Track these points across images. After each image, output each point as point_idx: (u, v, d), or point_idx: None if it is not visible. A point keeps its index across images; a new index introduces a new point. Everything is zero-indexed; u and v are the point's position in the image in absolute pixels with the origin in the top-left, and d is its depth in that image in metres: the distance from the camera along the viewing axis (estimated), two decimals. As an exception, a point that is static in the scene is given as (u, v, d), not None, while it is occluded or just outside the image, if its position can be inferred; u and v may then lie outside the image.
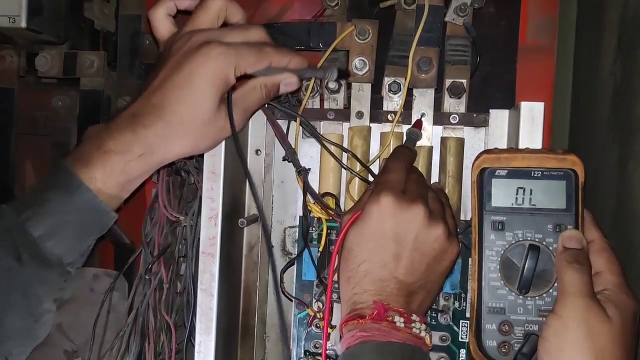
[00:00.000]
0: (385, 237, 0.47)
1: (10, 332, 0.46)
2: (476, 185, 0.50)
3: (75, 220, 0.48)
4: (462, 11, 0.59)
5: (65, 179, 0.47)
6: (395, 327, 0.45)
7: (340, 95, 0.60)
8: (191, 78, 0.47)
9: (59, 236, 0.47)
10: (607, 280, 0.46)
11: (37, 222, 0.47)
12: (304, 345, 0.59)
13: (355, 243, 0.48)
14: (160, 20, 0.52)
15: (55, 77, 0.69)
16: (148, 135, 0.47)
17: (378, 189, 0.48)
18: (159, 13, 0.52)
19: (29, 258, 0.46)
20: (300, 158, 0.58)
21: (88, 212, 0.48)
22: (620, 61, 0.57)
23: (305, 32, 0.61)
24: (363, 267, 0.47)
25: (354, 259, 0.47)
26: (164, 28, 0.52)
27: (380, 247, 0.47)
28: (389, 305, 0.45)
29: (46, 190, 0.48)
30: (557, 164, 0.49)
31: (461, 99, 0.58)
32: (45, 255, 0.47)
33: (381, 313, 0.45)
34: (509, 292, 0.48)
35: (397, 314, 0.45)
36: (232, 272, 0.57)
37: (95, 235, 0.50)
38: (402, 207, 0.47)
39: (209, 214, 0.52)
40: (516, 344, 0.48)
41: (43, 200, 0.47)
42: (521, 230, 0.49)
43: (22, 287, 0.47)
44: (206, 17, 0.51)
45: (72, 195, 0.47)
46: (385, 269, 0.47)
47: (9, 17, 0.61)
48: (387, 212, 0.47)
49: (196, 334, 0.52)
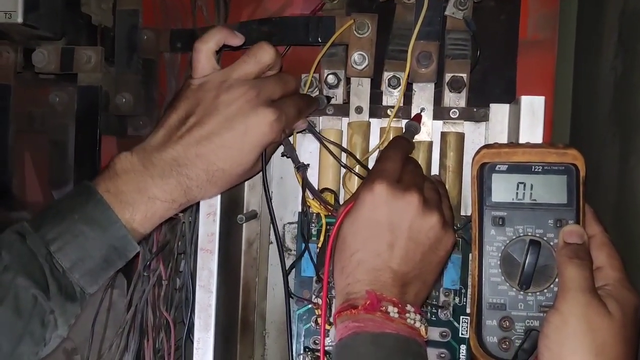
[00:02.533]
0: (378, 225, 0.46)
1: (18, 357, 0.45)
2: (476, 180, 0.49)
3: (105, 255, 0.48)
4: (462, 5, 0.59)
5: (102, 213, 0.47)
6: (388, 317, 0.44)
7: (340, 90, 0.60)
8: (243, 140, 0.48)
9: (86, 269, 0.47)
10: (608, 276, 0.45)
11: (67, 254, 0.46)
12: (304, 341, 0.58)
13: (349, 232, 0.47)
14: (207, 56, 0.50)
15: (52, 72, 0.68)
16: (192, 187, 0.48)
17: (372, 177, 0.48)
18: (208, 49, 0.50)
19: (56, 291, 0.46)
20: (299, 153, 0.58)
21: (117, 248, 0.48)
22: (621, 56, 0.57)
23: (304, 27, 0.61)
24: (356, 257, 0.46)
25: (348, 249, 0.47)
26: (209, 64, 0.50)
27: (374, 235, 0.46)
28: (383, 295, 0.45)
29: (79, 222, 0.47)
30: (558, 159, 0.48)
31: (461, 93, 0.58)
32: (71, 288, 0.47)
33: (374, 303, 0.44)
34: (510, 287, 0.48)
35: (391, 304, 0.45)
36: (231, 268, 0.57)
37: (118, 267, 0.49)
38: (395, 195, 0.46)
39: (208, 210, 0.52)
40: (517, 340, 0.47)
41: (77, 231, 0.46)
42: (522, 226, 0.48)
43: (42, 316, 0.46)
44: (257, 68, 0.50)
45: (106, 231, 0.47)
46: (379, 258, 0.46)
47: (5, 12, 0.60)
48: (381, 200, 0.46)
49: (195, 331, 0.52)
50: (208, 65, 0.50)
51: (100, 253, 0.47)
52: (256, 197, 0.61)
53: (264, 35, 0.63)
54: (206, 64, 0.50)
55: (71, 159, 0.70)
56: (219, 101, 0.48)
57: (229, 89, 0.49)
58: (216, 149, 0.47)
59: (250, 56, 0.50)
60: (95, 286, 0.48)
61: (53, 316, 0.46)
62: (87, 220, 0.47)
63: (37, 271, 0.45)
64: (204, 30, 0.68)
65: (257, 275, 0.61)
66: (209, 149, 0.47)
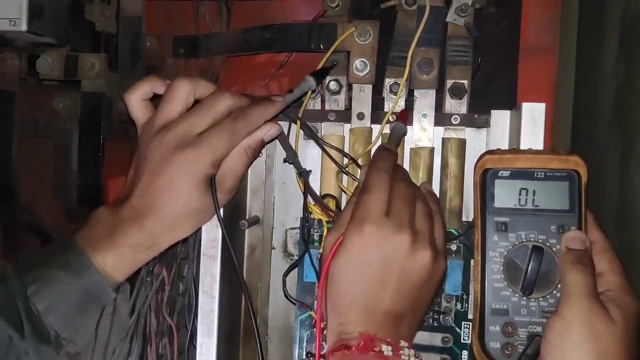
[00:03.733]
0: (370, 268, 0.45)
1: None
2: (479, 186, 0.50)
3: (79, 300, 0.49)
4: (463, 11, 0.59)
5: (76, 258, 0.49)
6: (382, 356, 0.44)
7: (341, 97, 0.60)
8: (172, 184, 0.48)
9: (61, 313, 0.48)
10: (610, 281, 0.46)
11: (43, 297, 0.48)
12: (306, 347, 0.59)
13: (339, 273, 0.46)
14: (136, 105, 0.51)
15: (56, 79, 0.68)
16: (152, 231, 0.49)
17: (361, 217, 0.46)
18: (135, 98, 0.51)
19: (31, 332, 0.47)
20: (301, 159, 0.58)
21: (92, 293, 0.49)
22: (623, 60, 0.57)
23: (306, 33, 0.61)
24: (348, 298, 0.46)
25: (339, 289, 0.46)
26: (140, 113, 0.51)
27: (365, 277, 0.46)
28: (376, 335, 0.44)
29: (55, 268, 0.49)
30: (560, 165, 0.48)
31: (462, 99, 0.58)
32: (46, 331, 0.48)
33: (367, 343, 0.44)
34: (513, 293, 0.48)
35: (384, 344, 0.44)
36: (233, 274, 0.57)
37: (93, 314, 0.51)
38: (386, 237, 0.45)
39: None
40: (520, 346, 0.47)
41: (51, 276, 0.48)
42: (524, 232, 0.48)
43: (18, 355, 0.47)
44: (175, 106, 0.50)
45: (80, 276, 0.48)
46: (371, 300, 0.45)
47: (9, 19, 0.61)
48: (371, 243, 0.45)
49: (198, 336, 0.52)
50: (139, 114, 0.51)
51: (74, 297, 0.49)
52: (258, 203, 0.61)
53: (266, 41, 0.64)
54: (138, 113, 0.51)
55: (74, 164, 0.71)
56: (147, 151, 0.49)
57: (153, 136, 0.49)
58: (155, 197, 0.48)
59: (166, 97, 0.51)
60: (70, 330, 0.49)
61: (28, 357, 0.47)
62: (62, 265, 0.49)
63: (14, 313, 0.47)
64: (207, 37, 0.69)
65: (259, 280, 0.61)
66: (151, 198, 0.49)
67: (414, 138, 0.59)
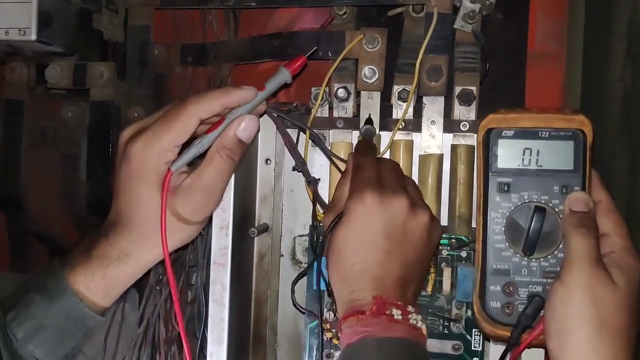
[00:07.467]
0: (375, 235, 0.47)
1: None
2: (482, 146, 0.49)
3: (57, 324, 0.48)
4: (471, 18, 0.59)
5: (53, 281, 0.48)
6: (393, 319, 0.45)
7: (349, 104, 0.60)
8: (126, 183, 0.47)
9: (39, 339, 0.47)
10: (614, 243, 0.45)
11: (20, 324, 0.47)
12: (316, 355, 0.58)
13: (345, 245, 0.47)
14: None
15: (65, 88, 0.69)
16: (119, 240, 0.47)
17: (360, 188, 0.48)
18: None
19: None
20: (310, 166, 0.58)
21: (71, 317, 0.48)
22: (630, 67, 0.57)
23: (314, 41, 0.61)
24: (358, 267, 0.47)
25: (347, 261, 0.47)
26: None
27: (372, 244, 0.47)
28: (388, 299, 0.46)
29: (32, 292, 0.48)
30: (565, 124, 0.47)
31: (471, 106, 0.58)
32: (25, 359, 0.47)
33: (380, 307, 0.45)
34: (514, 253, 0.48)
35: (394, 307, 0.45)
36: (243, 282, 0.57)
37: (78, 339, 0.49)
38: (386, 203, 0.47)
39: (220, 224, 0.52)
40: (520, 305, 0.47)
41: (28, 300, 0.47)
42: (527, 192, 0.48)
43: None
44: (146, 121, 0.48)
45: (55, 299, 0.47)
46: (381, 266, 0.46)
47: (19, 29, 0.61)
48: (374, 210, 0.47)
49: (208, 345, 0.52)
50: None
51: (52, 322, 0.47)
52: (267, 210, 0.61)
53: (274, 49, 0.64)
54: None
55: (83, 173, 0.71)
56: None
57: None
58: (117, 200, 0.48)
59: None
60: (54, 357, 0.48)
61: None
62: (39, 289, 0.48)
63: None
64: (215, 45, 0.69)
65: (268, 288, 0.61)
66: (116, 203, 0.48)
67: (422, 145, 0.59)
